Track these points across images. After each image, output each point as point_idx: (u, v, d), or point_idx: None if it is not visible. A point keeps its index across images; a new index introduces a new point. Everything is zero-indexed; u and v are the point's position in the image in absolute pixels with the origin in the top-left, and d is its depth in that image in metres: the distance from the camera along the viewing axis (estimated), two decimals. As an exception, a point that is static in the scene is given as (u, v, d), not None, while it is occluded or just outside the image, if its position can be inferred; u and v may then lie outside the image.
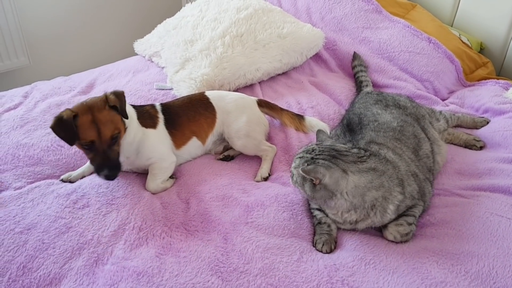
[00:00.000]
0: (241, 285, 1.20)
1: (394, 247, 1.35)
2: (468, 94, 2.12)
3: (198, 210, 1.45)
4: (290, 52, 2.16)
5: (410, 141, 1.56)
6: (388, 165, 1.40)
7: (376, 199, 1.34)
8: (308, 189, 1.32)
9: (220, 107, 1.73)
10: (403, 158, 1.48)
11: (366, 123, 1.64)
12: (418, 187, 1.43)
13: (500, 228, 1.37)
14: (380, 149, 1.47)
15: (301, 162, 1.36)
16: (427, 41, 2.22)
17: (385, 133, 1.56)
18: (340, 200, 1.32)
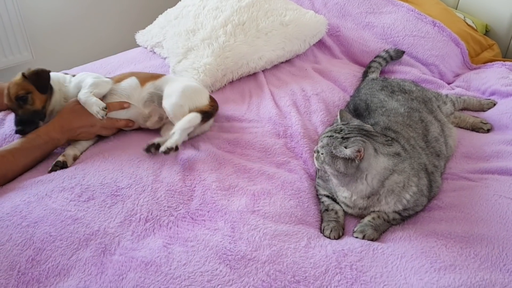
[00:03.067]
0: (249, 272, 1.19)
1: (401, 233, 1.34)
2: (474, 77, 2.09)
3: (204, 199, 1.44)
4: (293, 40, 2.14)
5: (418, 126, 1.55)
6: (407, 153, 1.40)
7: (397, 183, 1.34)
8: (342, 166, 1.30)
9: (165, 76, 1.80)
10: (416, 149, 1.47)
11: (374, 109, 1.62)
12: (427, 181, 1.42)
13: (509, 210, 1.36)
14: (397, 137, 1.46)
15: (331, 141, 1.33)
16: (431, 24, 2.19)
17: (395, 118, 1.54)
18: (363, 185, 1.32)
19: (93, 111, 1.59)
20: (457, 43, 2.17)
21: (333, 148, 1.31)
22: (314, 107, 1.86)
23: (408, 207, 1.37)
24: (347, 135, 1.34)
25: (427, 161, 1.46)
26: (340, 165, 1.30)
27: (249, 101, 1.95)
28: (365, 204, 1.37)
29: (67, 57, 3.28)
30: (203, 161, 1.58)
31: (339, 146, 1.31)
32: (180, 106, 1.65)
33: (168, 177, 1.52)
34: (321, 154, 1.35)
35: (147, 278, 1.18)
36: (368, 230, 1.34)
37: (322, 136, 1.39)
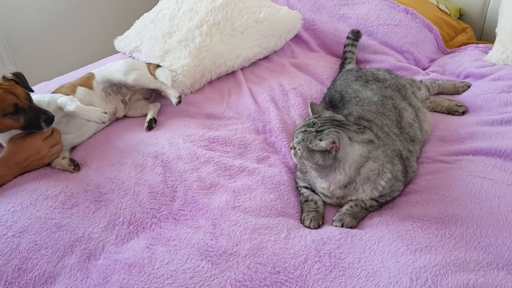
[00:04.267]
0: (231, 266, 1.22)
1: (378, 219, 1.37)
2: (448, 61, 2.12)
3: (186, 199, 1.47)
4: (268, 36, 2.16)
5: (391, 113, 1.58)
6: (380, 141, 1.43)
7: (373, 171, 1.37)
8: (320, 158, 1.32)
9: (96, 69, 1.93)
10: (390, 135, 1.50)
11: (348, 99, 1.65)
12: (402, 167, 1.45)
13: (483, 189, 1.39)
14: (371, 126, 1.49)
15: (305, 136, 1.35)
16: (404, 12, 2.22)
17: (368, 107, 1.57)
18: (341, 174, 1.35)
19: (95, 119, 1.61)
20: (431, 29, 2.20)
21: (308, 143, 1.34)
22: (292, 102, 1.89)
23: (384, 193, 1.40)
24: (321, 128, 1.36)
25: (402, 147, 1.50)
26: (318, 158, 1.33)
27: (228, 99, 1.97)
28: (343, 194, 1.41)
29: (52, 68, 3.29)
30: (184, 161, 1.61)
31: (314, 140, 1.33)
32: (145, 75, 1.89)
33: (150, 179, 1.54)
34: (298, 150, 1.37)
35: (130, 279, 1.20)
36: (346, 218, 1.37)
37: (296, 132, 1.41)
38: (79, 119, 1.65)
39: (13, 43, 3.01)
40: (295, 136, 1.41)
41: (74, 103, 1.60)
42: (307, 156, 1.35)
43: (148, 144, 1.71)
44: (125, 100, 1.91)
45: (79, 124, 1.69)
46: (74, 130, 1.70)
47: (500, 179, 1.42)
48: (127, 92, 1.91)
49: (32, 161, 1.59)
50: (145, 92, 1.98)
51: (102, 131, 1.82)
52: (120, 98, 1.90)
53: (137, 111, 1.93)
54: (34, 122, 1.54)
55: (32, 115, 1.54)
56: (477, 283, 1.11)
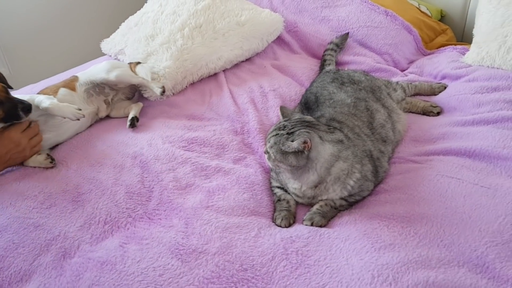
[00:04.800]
0: (200, 264, 1.26)
1: (347, 218, 1.41)
2: (426, 62, 2.16)
3: (161, 199, 1.50)
4: (250, 39, 2.20)
5: (363, 115, 1.61)
6: (350, 142, 1.46)
7: (343, 170, 1.41)
8: (294, 159, 1.36)
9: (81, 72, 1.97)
10: (361, 136, 1.53)
11: (322, 101, 1.69)
12: (372, 167, 1.49)
13: (449, 188, 1.43)
14: (341, 127, 1.52)
15: (277, 139, 1.38)
16: (384, 14, 2.26)
17: (341, 109, 1.61)
18: (314, 175, 1.38)
19: (69, 115, 1.66)
20: (410, 31, 2.23)
21: (281, 145, 1.37)
22: (271, 103, 1.93)
23: (353, 193, 1.44)
24: (292, 129, 1.40)
25: (373, 147, 1.53)
26: (291, 159, 1.36)
27: (209, 100, 2.01)
28: (313, 194, 1.44)
29: (44, 70, 3.32)
30: (162, 162, 1.64)
31: (286, 142, 1.36)
32: (127, 71, 1.94)
33: (127, 180, 1.58)
34: (271, 153, 1.40)
35: (102, 277, 1.24)
36: (316, 217, 1.40)
37: (268, 136, 1.45)
38: (57, 118, 1.69)
39: (5, 45, 3.05)
40: (268, 140, 1.44)
41: (49, 100, 1.64)
42: (280, 158, 1.38)
43: (128, 145, 1.75)
44: (107, 101, 1.95)
45: (58, 123, 1.73)
46: (53, 129, 1.73)
47: (467, 179, 1.45)
48: (109, 92, 1.95)
49: (13, 154, 1.62)
50: (127, 92, 2.02)
51: (84, 132, 1.86)
52: (103, 98, 1.94)
53: (120, 111, 1.96)
54: (12, 112, 1.58)
55: (9, 106, 1.57)
56: (437, 280, 1.15)
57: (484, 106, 1.74)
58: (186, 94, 2.07)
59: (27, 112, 1.59)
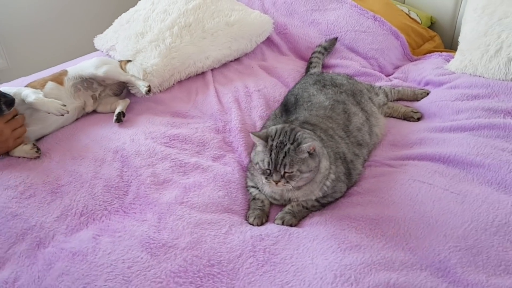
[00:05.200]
0: (168, 258, 1.29)
1: (318, 218, 1.43)
2: (412, 68, 2.18)
3: (138, 194, 1.53)
4: (238, 39, 2.22)
5: (340, 117, 1.64)
6: (322, 143, 1.49)
7: (327, 169, 1.44)
8: (312, 161, 1.37)
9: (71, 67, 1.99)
10: (335, 138, 1.56)
11: (301, 103, 1.71)
12: (345, 169, 1.51)
13: (420, 193, 1.45)
14: (314, 130, 1.55)
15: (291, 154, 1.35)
16: (372, 19, 2.28)
17: (317, 112, 1.63)
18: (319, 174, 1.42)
19: (53, 110, 1.69)
20: (397, 36, 2.26)
21: (297, 155, 1.35)
22: (255, 103, 1.95)
23: (327, 194, 1.47)
24: (292, 138, 1.39)
25: (347, 150, 1.56)
26: (310, 162, 1.37)
27: (195, 98, 2.04)
28: (294, 195, 1.46)
29: (41, 63, 3.36)
30: (142, 157, 1.67)
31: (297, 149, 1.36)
32: (116, 68, 1.96)
33: (107, 173, 1.61)
34: (294, 171, 1.35)
35: (72, 267, 1.27)
36: (287, 216, 1.43)
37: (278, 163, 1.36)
38: (43, 112, 1.72)
39: (4, 38, 3.08)
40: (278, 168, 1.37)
41: (34, 95, 1.67)
42: (304, 168, 1.36)
43: (111, 139, 1.78)
44: (95, 96, 1.98)
45: (43, 117, 1.76)
46: (39, 122, 1.76)
47: (438, 184, 1.47)
48: (97, 88, 1.98)
49: None
50: (115, 88, 2.05)
51: (70, 125, 1.89)
52: (91, 93, 1.97)
53: (107, 106, 1.99)
54: None
55: None
56: (398, 282, 1.17)
57: (463, 113, 1.76)
58: (173, 91, 2.10)
59: (9, 106, 1.62)
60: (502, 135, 1.62)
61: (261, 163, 1.39)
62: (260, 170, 1.41)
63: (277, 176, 1.37)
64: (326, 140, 1.51)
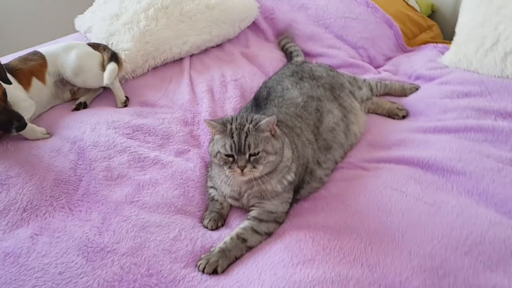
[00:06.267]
0: (105, 265, 1.19)
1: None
2: (403, 60, 2.02)
3: (88, 190, 1.43)
4: (220, 24, 2.09)
5: (311, 117, 1.50)
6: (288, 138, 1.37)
7: (288, 159, 1.32)
8: (277, 142, 1.27)
9: (48, 52, 1.83)
10: (301, 139, 1.43)
11: (272, 98, 1.58)
12: (299, 178, 1.39)
13: (390, 202, 1.32)
14: (279, 125, 1.42)
15: (254, 133, 1.25)
16: (365, 5, 2.12)
17: (287, 109, 1.50)
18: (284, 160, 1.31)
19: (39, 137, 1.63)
20: (390, 25, 2.09)
21: (258, 134, 1.25)
22: (230, 94, 1.83)
23: (275, 210, 1.33)
24: (250, 119, 1.29)
25: (311, 157, 1.43)
26: (275, 143, 1.26)
27: (168, 86, 1.92)
28: (252, 188, 1.33)
29: (33, 42, 3.26)
30: (100, 149, 1.56)
31: (258, 127, 1.25)
32: (94, 77, 1.82)
33: (60, 165, 1.51)
34: (261, 151, 1.24)
35: (1, 269, 1.18)
36: (212, 258, 1.21)
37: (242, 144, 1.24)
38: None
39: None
40: (242, 150, 1.24)
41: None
42: (269, 148, 1.25)
43: (72, 128, 1.68)
44: (73, 90, 1.90)
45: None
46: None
47: (412, 192, 1.34)
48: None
49: None
50: None
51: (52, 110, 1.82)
52: (69, 88, 1.89)
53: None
54: (5, 126, 1.52)
55: (4, 119, 1.51)
56: (349, 304, 1.05)
57: (450, 112, 1.61)
58: (146, 78, 1.98)
59: (19, 131, 1.54)
60: (490, 139, 1.46)
61: (223, 149, 1.26)
62: (222, 159, 1.27)
63: (242, 161, 1.24)
64: (291, 136, 1.39)
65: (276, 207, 1.33)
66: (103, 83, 1.84)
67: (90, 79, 1.83)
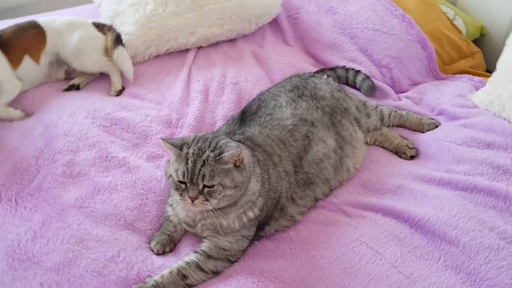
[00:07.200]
0: (26, 277, 1.08)
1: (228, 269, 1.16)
2: (431, 89, 1.76)
3: (42, 184, 1.32)
4: (234, 18, 1.90)
5: (296, 144, 1.31)
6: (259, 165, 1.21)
7: (255, 193, 1.16)
8: (238, 174, 1.10)
9: (49, 27, 1.69)
10: (277, 169, 1.25)
11: (260, 115, 1.40)
12: (264, 216, 1.22)
13: (360, 262, 1.13)
14: (254, 149, 1.25)
15: (211, 164, 1.09)
16: (400, 18, 1.87)
17: (270, 131, 1.32)
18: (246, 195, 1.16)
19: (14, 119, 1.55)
20: (425, 45, 1.82)
21: (217, 165, 1.09)
22: (225, 98, 1.67)
23: (230, 248, 1.17)
24: (213, 145, 1.12)
25: (285, 191, 1.24)
26: (236, 174, 1.10)
27: (163, 80, 1.78)
28: (205, 220, 1.18)
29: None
30: (69, 139, 1.45)
31: (220, 159, 1.09)
32: (95, 62, 1.72)
33: (24, 151, 1.42)
34: (217, 182, 1.08)
35: None
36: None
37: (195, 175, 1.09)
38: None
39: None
40: (194, 179, 1.09)
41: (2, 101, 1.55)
42: (228, 182, 1.09)
43: (51, 111, 1.58)
44: (68, 71, 1.78)
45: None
46: None
47: (389, 256, 1.14)
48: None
49: None
50: None
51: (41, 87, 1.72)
52: (65, 68, 1.77)
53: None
54: None
55: None
56: None
57: (464, 164, 1.37)
58: (144, 66, 1.84)
59: None
60: (500, 207, 1.23)
61: (175, 173, 1.11)
62: (174, 184, 1.13)
63: (194, 191, 1.09)
64: (265, 165, 1.21)
65: (230, 245, 1.17)
66: (102, 69, 1.74)
67: (90, 63, 1.72)
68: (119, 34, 1.77)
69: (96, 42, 1.75)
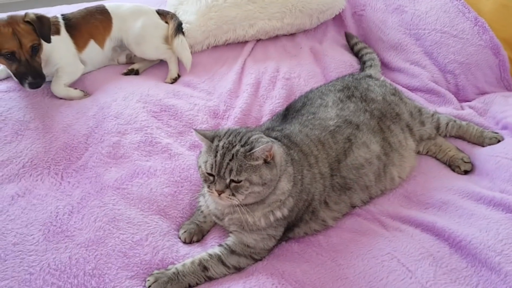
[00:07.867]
0: (57, 249, 1.14)
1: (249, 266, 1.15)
2: (499, 100, 1.61)
3: (88, 162, 1.39)
4: (295, 12, 1.87)
5: (336, 146, 1.26)
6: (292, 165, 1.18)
7: (285, 193, 1.14)
8: (268, 172, 1.08)
9: (116, 14, 1.77)
10: (312, 170, 1.21)
11: (303, 112, 1.36)
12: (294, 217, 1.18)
13: (388, 278, 1.07)
14: (290, 147, 1.21)
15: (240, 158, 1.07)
16: (472, 21, 1.72)
17: (310, 131, 1.27)
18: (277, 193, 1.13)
19: (74, 99, 1.63)
20: (497, 52, 1.67)
21: (246, 160, 1.07)
22: (275, 93, 1.64)
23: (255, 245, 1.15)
24: (244, 140, 1.10)
25: (318, 194, 1.20)
26: (264, 171, 1.08)
27: (217, 70, 1.79)
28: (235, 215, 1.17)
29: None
30: (119, 121, 1.51)
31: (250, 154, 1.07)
32: (155, 49, 1.78)
33: (77, 129, 1.50)
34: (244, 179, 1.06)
35: (-32, 223, 1.19)
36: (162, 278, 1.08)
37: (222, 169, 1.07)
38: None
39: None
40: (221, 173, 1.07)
41: (58, 83, 1.61)
42: (256, 178, 1.07)
43: (108, 92, 1.64)
44: (130, 55, 1.86)
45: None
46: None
47: (420, 275, 1.07)
48: None
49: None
50: None
51: (103, 69, 1.81)
52: (127, 52, 1.85)
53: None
54: (20, 77, 1.53)
55: (22, 71, 1.51)
56: None
57: (522, 185, 1.24)
58: (201, 56, 1.87)
59: (32, 87, 1.54)
60: (556, 237, 1.10)
61: (204, 165, 1.11)
62: (203, 176, 1.13)
63: (221, 185, 1.08)
64: (300, 165, 1.18)
65: (255, 242, 1.15)
66: (161, 56, 1.80)
67: (150, 50, 1.78)
68: (180, 23, 1.81)
69: (158, 30, 1.80)
